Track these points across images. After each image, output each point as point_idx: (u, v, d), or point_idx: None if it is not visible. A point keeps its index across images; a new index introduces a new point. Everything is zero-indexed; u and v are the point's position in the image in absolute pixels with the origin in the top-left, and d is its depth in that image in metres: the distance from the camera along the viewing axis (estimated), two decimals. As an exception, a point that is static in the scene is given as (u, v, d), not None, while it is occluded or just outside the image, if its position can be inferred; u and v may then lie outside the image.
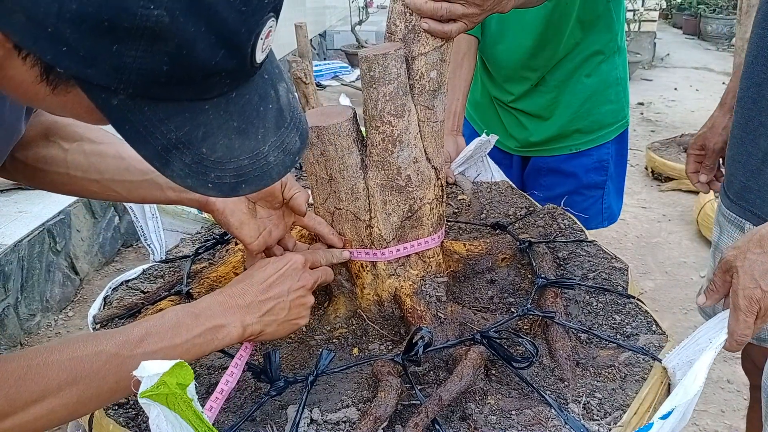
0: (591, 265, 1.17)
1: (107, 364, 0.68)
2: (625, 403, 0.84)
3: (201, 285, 1.12)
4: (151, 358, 0.65)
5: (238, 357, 0.85)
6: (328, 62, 7.25)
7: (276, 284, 0.86)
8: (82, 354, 0.68)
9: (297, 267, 0.90)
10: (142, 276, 1.27)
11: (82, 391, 0.67)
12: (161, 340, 0.73)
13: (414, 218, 1.02)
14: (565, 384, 0.89)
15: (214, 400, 0.80)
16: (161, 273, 1.28)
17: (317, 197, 1.03)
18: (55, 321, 2.75)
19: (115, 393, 0.71)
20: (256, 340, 0.86)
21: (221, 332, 0.79)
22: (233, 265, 1.15)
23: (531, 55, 1.61)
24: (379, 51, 0.92)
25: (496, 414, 0.82)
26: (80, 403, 0.67)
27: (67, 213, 2.87)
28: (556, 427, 0.80)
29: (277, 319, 0.85)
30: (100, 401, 0.70)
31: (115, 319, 1.09)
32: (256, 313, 0.83)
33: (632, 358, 0.92)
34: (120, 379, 0.69)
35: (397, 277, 1.03)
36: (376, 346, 1.01)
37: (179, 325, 0.75)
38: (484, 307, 1.12)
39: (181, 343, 0.75)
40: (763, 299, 0.83)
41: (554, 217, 1.35)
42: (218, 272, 1.14)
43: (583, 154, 1.73)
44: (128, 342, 0.71)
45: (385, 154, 0.97)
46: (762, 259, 0.85)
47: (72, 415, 0.68)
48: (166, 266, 1.30)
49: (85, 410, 0.70)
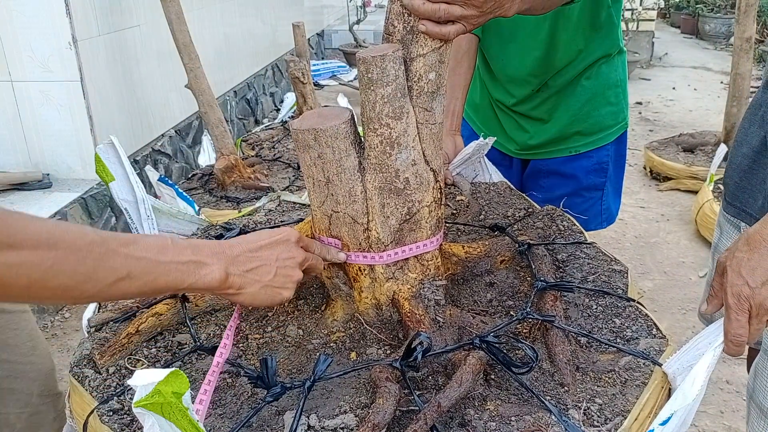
0: (590, 268, 1.16)
1: (90, 246, 0.69)
2: (626, 409, 0.83)
3: None
4: (133, 263, 0.70)
5: (229, 328, 0.88)
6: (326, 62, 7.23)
7: (267, 247, 0.88)
8: (68, 228, 0.69)
9: (290, 240, 0.92)
10: None
11: (58, 259, 0.67)
12: (147, 252, 0.75)
13: (412, 221, 1.01)
14: (565, 389, 0.88)
15: (211, 374, 0.81)
16: None
17: (314, 200, 1.01)
18: (52, 323, 2.74)
19: (89, 281, 0.70)
20: (236, 299, 0.87)
21: (204, 269, 0.80)
22: None
23: (538, 62, 1.60)
24: (377, 52, 0.91)
25: (496, 420, 0.82)
26: (53, 270, 0.66)
27: (63, 214, 2.85)
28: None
29: (261, 280, 0.87)
30: (73, 281, 0.69)
31: (110, 322, 1.08)
32: (242, 266, 0.85)
33: (632, 363, 0.91)
34: (98, 267, 0.69)
35: (396, 280, 1.02)
36: (374, 350, 1.00)
37: (166, 247, 0.78)
38: (483, 311, 1.10)
39: (165, 262, 0.76)
40: (752, 296, 0.82)
41: (553, 218, 1.34)
42: None
43: (583, 156, 1.72)
44: (116, 238, 0.72)
45: (383, 157, 0.95)
46: (748, 257, 0.85)
47: (42, 280, 0.66)
48: None
49: (56, 282, 0.67)
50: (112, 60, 3.21)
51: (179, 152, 3.97)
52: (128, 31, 3.36)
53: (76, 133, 3.02)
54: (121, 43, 3.30)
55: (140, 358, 1.00)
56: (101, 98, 3.09)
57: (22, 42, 2.84)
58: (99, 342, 1.02)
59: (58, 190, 3.00)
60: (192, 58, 2.65)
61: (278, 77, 6.10)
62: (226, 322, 1.09)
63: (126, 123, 3.38)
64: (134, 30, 3.41)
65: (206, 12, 4.34)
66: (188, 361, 0.99)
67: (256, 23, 5.49)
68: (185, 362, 0.99)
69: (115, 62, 3.25)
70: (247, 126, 5.15)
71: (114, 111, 3.24)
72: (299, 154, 0.98)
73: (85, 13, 2.96)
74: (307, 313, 1.10)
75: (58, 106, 2.95)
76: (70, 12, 2.81)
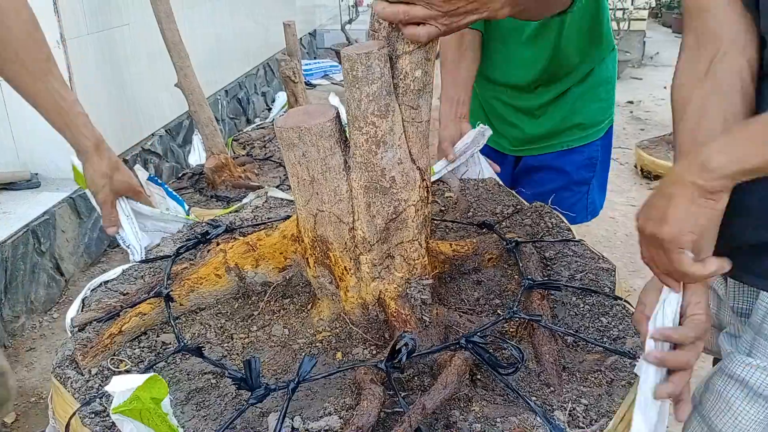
0: (578, 266, 1.16)
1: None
2: (611, 410, 0.83)
3: (181, 287, 1.10)
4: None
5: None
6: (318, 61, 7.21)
7: None
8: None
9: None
10: (121, 277, 1.25)
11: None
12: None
13: (398, 220, 1.00)
14: (551, 389, 0.88)
15: None
16: (141, 274, 1.25)
17: (299, 199, 1.00)
18: (40, 323, 2.71)
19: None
20: None
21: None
22: (214, 266, 1.12)
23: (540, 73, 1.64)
24: (362, 50, 0.89)
25: (481, 421, 0.81)
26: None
27: (51, 213, 2.83)
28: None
29: None
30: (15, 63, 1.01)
31: (93, 322, 1.07)
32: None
33: (619, 363, 0.91)
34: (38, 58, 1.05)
35: (381, 279, 1.01)
36: (360, 350, 0.99)
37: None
38: (470, 309, 1.10)
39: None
40: (643, 227, 0.83)
41: (541, 215, 1.34)
42: (199, 273, 1.12)
43: (575, 151, 1.74)
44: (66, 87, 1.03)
45: (369, 155, 0.94)
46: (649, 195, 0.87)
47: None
48: (147, 266, 1.28)
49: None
50: (101, 59, 3.19)
51: (169, 152, 3.95)
52: (117, 30, 3.33)
53: (64, 132, 2.99)
54: (111, 42, 3.28)
55: (123, 359, 0.98)
56: (90, 97, 3.06)
57: (10, 40, 2.81)
58: (81, 342, 1.01)
59: (47, 190, 2.97)
60: (182, 57, 2.63)
61: (270, 76, 6.08)
62: (211, 322, 1.08)
63: (115, 122, 3.35)
64: (123, 29, 3.39)
65: (197, 11, 4.32)
66: (172, 362, 0.98)
67: (247, 22, 5.47)
68: (169, 363, 0.98)
69: (105, 61, 3.23)
70: (239, 125, 5.12)
71: (103, 110, 3.22)
72: (283, 152, 0.97)
73: (74, 11, 2.94)
74: (293, 312, 1.09)
75: (46, 105, 2.93)
76: (58, 10, 2.79)
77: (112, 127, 3.31)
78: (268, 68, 6.04)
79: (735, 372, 0.94)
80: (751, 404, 0.93)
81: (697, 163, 0.77)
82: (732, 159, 0.75)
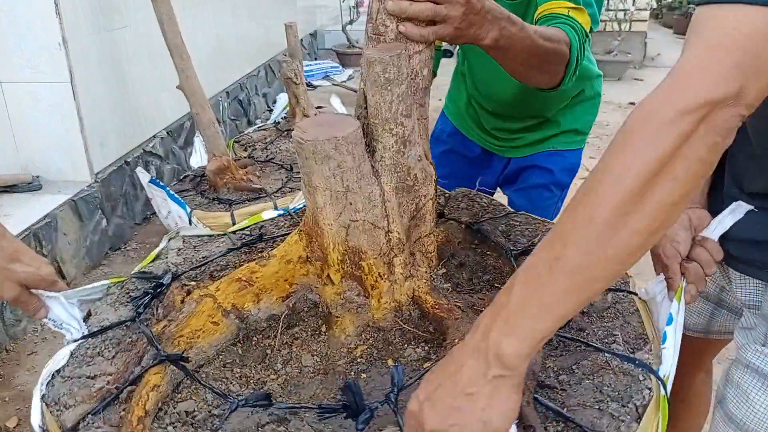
0: (531, 232, 1.25)
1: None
2: (643, 333, 0.95)
3: (177, 346, 0.95)
4: None
5: None
6: (319, 62, 7.21)
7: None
8: None
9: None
10: (74, 361, 0.98)
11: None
12: None
13: (418, 216, 1.02)
14: (586, 332, 0.97)
15: None
16: (97, 351, 1.00)
17: (329, 214, 0.96)
18: (42, 326, 2.70)
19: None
20: None
21: None
22: (207, 313, 1.00)
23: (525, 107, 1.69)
24: (390, 52, 0.90)
25: (564, 372, 0.89)
26: None
27: (53, 216, 2.82)
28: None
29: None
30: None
31: (89, 415, 0.86)
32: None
33: (616, 296, 1.05)
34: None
35: (412, 277, 1.03)
36: (411, 350, 0.99)
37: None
38: (471, 290, 1.14)
39: None
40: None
41: (472, 198, 1.39)
42: (191, 327, 0.98)
43: (560, 153, 1.78)
44: None
45: (398, 156, 0.97)
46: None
47: None
48: (98, 340, 1.03)
49: None
50: (102, 60, 3.18)
51: (171, 154, 3.94)
52: (119, 32, 3.33)
53: (66, 134, 2.98)
54: (112, 44, 3.27)
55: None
56: (92, 99, 3.06)
57: (11, 42, 2.80)
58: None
59: (48, 192, 2.96)
60: (183, 58, 2.62)
61: (271, 78, 6.07)
62: (226, 375, 0.96)
63: (117, 124, 3.34)
64: (125, 30, 3.38)
65: (198, 12, 4.31)
66: (219, 427, 0.85)
67: (248, 24, 5.47)
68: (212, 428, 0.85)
69: (106, 63, 3.22)
70: (240, 127, 5.11)
71: (105, 112, 3.21)
72: (314, 167, 0.92)
73: (75, 13, 2.93)
74: (309, 339, 1.04)
75: (47, 107, 2.92)
76: (60, 12, 2.78)
77: (113, 129, 3.30)
78: (269, 69, 6.03)
79: (751, 361, 0.97)
80: (766, 393, 0.94)
81: (492, 354, 0.67)
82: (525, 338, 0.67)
